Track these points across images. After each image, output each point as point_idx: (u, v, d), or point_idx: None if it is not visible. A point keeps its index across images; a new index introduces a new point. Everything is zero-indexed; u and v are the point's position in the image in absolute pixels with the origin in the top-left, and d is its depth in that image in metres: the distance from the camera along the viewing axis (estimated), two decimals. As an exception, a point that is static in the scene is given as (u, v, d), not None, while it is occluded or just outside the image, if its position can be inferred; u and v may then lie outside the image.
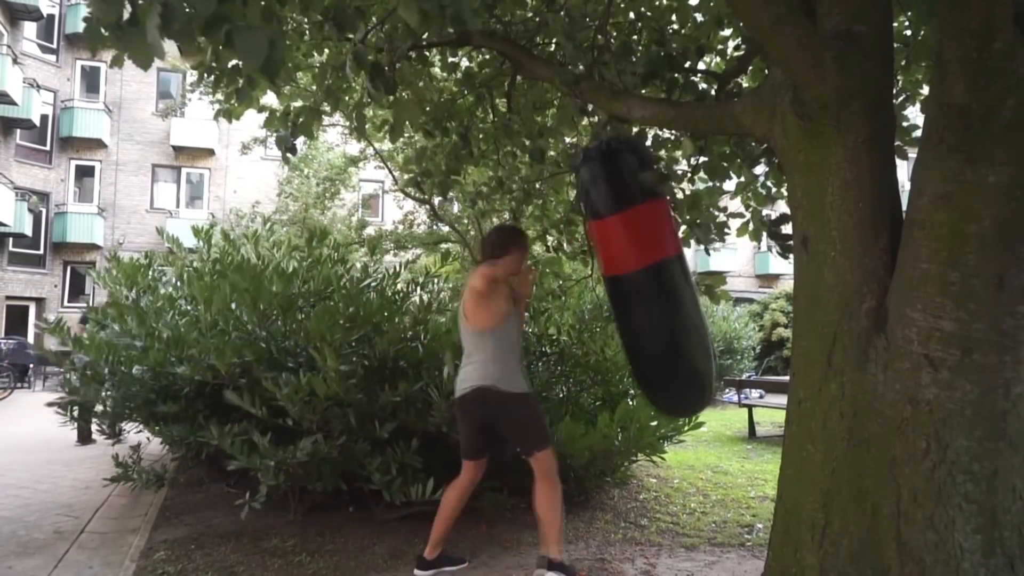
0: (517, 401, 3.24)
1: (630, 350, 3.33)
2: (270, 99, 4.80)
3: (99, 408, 4.71)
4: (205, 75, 3.80)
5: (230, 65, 3.40)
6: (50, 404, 4.90)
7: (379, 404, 3.73)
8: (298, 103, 4.39)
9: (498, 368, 3.23)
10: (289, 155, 3.95)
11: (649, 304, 3.07)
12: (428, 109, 4.36)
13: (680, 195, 3.81)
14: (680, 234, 3.97)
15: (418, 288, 4.57)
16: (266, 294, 3.96)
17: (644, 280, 3.03)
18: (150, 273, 5.20)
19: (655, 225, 3.07)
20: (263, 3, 1.78)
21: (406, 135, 4.52)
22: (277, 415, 3.72)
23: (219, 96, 5.07)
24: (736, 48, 4.44)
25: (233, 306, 4.13)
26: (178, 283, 5.11)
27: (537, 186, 4.83)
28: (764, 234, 4.47)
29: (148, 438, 5.20)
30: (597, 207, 3.08)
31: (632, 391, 4.79)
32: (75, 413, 4.96)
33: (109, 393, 4.57)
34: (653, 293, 3.05)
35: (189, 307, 4.67)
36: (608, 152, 3.02)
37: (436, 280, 4.61)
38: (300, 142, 4.10)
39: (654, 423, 4.53)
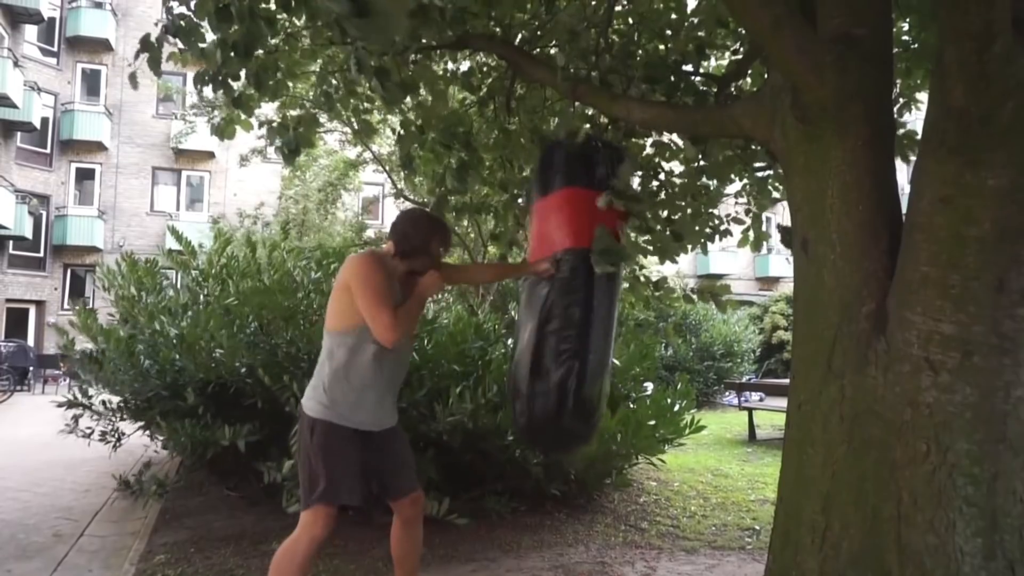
0: (307, 427, 2.51)
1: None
2: (266, 108, 4.83)
3: (98, 400, 4.71)
4: (202, 84, 3.77)
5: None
6: (61, 404, 4.88)
7: None
8: (295, 112, 4.40)
9: (312, 381, 2.60)
10: (292, 158, 3.96)
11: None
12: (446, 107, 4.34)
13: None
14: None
15: None
16: (272, 307, 3.99)
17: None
18: (157, 274, 5.23)
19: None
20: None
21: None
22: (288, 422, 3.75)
23: (216, 113, 5.10)
24: (735, 52, 4.45)
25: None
26: (184, 286, 5.14)
27: None
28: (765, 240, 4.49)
29: (156, 451, 5.20)
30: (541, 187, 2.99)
31: (633, 394, 4.79)
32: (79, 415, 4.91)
33: (118, 380, 4.58)
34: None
35: (191, 310, 4.68)
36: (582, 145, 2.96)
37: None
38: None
39: (652, 422, 4.54)
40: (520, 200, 4.77)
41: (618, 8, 4.14)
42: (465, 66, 5.00)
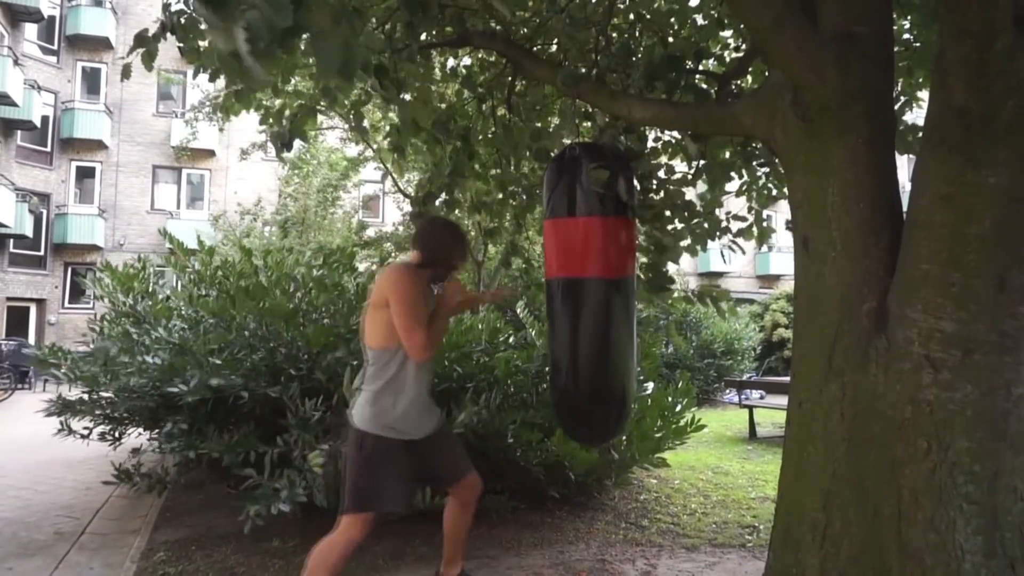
0: (353, 438, 2.60)
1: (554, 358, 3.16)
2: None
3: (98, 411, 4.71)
4: (202, 71, 3.76)
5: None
6: (39, 411, 4.86)
7: None
8: (296, 103, 4.37)
9: (361, 396, 2.65)
10: (286, 153, 3.95)
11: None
12: (432, 114, 4.33)
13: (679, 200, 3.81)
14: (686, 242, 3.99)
15: None
16: (269, 310, 3.95)
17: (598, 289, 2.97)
18: (146, 278, 5.17)
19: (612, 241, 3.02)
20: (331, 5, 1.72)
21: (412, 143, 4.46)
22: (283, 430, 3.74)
23: (219, 99, 5.07)
24: (736, 49, 4.44)
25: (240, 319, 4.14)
26: (179, 287, 5.10)
27: (537, 191, 4.82)
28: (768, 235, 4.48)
29: (150, 441, 5.20)
30: (561, 206, 3.04)
31: (635, 403, 4.79)
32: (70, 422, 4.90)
33: (109, 395, 4.57)
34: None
35: (190, 311, 4.65)
36: (588, 155, 2.99)
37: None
38: (296, 144, 4.09)
39: (657, 427, 4.54)
40: (521, 197, 4.77)
41: (619, 6, 4.13)
42: (464, 63, 4.99)
